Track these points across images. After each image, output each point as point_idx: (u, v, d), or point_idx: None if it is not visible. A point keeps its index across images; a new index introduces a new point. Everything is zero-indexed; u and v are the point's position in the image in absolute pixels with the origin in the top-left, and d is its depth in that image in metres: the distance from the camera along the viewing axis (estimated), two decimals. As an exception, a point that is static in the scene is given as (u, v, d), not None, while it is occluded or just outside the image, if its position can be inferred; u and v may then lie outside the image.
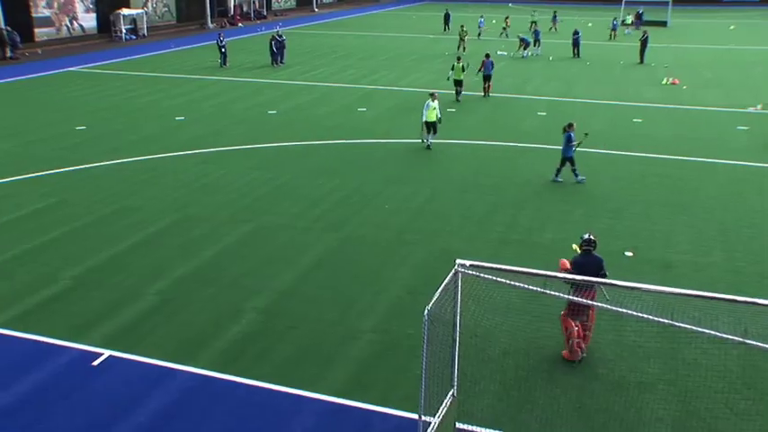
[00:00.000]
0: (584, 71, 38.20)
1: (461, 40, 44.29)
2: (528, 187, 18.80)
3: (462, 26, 45.47)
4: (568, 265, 10.72)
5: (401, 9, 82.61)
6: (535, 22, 49.66)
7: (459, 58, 30.19)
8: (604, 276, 10.24)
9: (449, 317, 8.37)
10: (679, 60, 42.16)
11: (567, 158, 18.92)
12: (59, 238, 15.38)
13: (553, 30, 56.42)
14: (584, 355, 10.68)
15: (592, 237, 10.74)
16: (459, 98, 29.52)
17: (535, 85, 33.79)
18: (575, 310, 10.25)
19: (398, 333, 11.49)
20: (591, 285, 8.87)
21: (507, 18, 56.52)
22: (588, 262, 10.53)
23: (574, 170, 18.91)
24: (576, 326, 10.46)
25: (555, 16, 58.19)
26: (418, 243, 15.10)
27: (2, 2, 42.47)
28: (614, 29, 53.08)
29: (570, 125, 19.12)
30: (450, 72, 29.62)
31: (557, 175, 19.12)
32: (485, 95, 30.56)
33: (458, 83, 29.42)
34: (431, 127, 22.11)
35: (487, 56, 30.73)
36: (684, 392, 9.79)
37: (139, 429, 9.17)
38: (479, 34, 52.85)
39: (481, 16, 57.66)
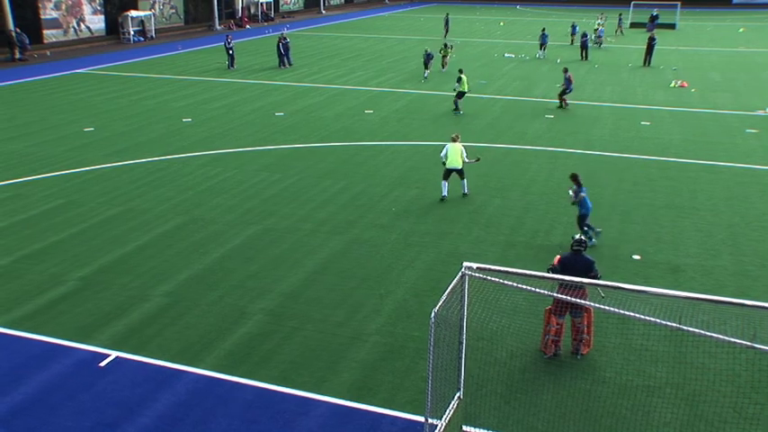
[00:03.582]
0: (591, 74, 38.14)
1: (443, 57, 39.18)
2: (534, 189, 18.77)
3: (446, 44, 40.03)
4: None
5: (408, 11, 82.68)
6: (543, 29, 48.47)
7: (461, 70, 28.59)
8: (595, 277, 10.30)
9: (455, 319, 8.38)
10: (687, 63, 42.04)
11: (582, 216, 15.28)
12: (67, 239, 15.45)
13: (619, 33, 56.25)
14: (560, 352, 10.79)
15: (582, 238, 10.79)
16: (460, 111, 28.15)
17: (543, 88, 33.75)
18: (559, 308, 10.32)
19: (404, 335, 11.50)
20: (579, 285, 8.85)
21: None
22: (576, 261, 10.56)
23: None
24: (558, 324, 10.55)
25: (620, 20, 57.48)
26: (425, 245, 15.10)
27: (11, 4, 42.68)
28: (573, 33, 50.08)
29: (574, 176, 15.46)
30: (457, 84, 28.23)
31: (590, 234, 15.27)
32: (564, 107, 29.13)
33: (460, 95, 28.08)
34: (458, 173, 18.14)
35: (566, 70, 29.24)
36: (692, 396, 9.76)
37: (146, 430, 9.20)
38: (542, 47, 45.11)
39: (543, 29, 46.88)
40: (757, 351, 6.91)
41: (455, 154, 17.70)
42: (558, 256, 10.96)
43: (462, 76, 28.07)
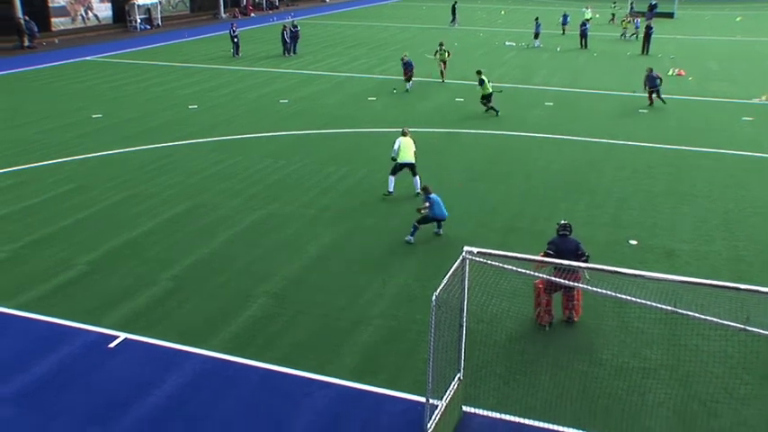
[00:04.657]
0: (590, 62, 37.98)
1: (441, 62, 32.37)
2: (536, 176, 18.77)
3: (441, 44, 32.84)
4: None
5: (411, 0, 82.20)
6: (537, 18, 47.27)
7: (479, 72, 25.88)
8: (584, 256, 10.91)
9: (456, 303, 8.42)
10: (685, 52, 41.83)
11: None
12: (76, 224, 15.49)
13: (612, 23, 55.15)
14: (554, 321, 11.22)
15: (567, 222, 11.51)
16: (497, 112, 25.37)
17: (543, 76, 33.64)
18: (551, 285, 10.63)
19: (407, 319, 11.55)
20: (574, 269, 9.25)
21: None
22: (566, 243, 11.14)
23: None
24: (548, 298, 11.02)
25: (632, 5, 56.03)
26: (426, 230, 15.10)
27: (19, -8, 42.59)
28: (564, 24, 48.36)
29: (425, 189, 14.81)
30: (479, 88, 25.71)
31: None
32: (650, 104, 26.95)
33: (486, 98, 25.54)
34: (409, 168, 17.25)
35: (650, 70, 26.95)
36: (686, 377, 9.82)
37: (154, 410, 9.28)
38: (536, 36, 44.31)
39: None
40: (750, 334, 6.95)
41: (407, 148, 16.94)
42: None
43: (483, 77, 25.48)
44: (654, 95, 26.96)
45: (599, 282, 8.41)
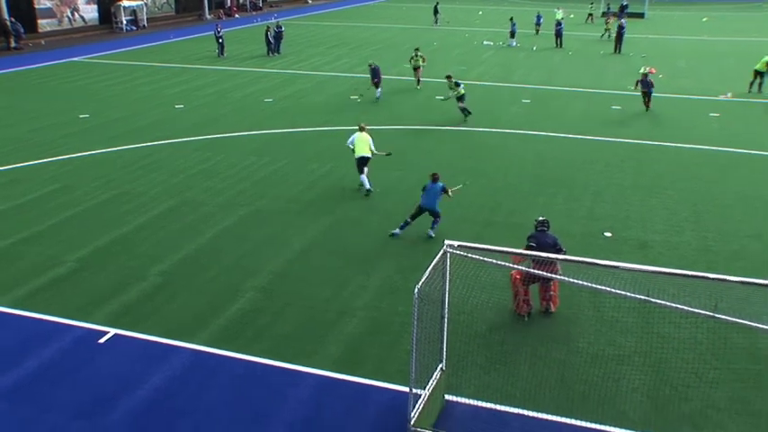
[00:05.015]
0: (565, 61, 38.14)
1: (415, 70, 30.20)
2: (513, 171, 18.83)
3: (417, 50, 30.68)
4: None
5: (391, 1, 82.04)
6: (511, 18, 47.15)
7: (449, 76, 24.74)
8: (561, 251, 11.08)
9: (437, 295, 8.43)
10: (655, 50, 42.14)
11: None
12: (65, 222, 15.32)
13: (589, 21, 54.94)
14: (533, 310, 11.28)
15: (545, 219, 11.66)
16: (470, 113, 24.24)
17: (520, 74, 33.74)
18: (528, 277, 10.74)
19: (390, 311, 11.55)
20: (552, 261, 9.38)
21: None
22: (545, 237, 11.29)
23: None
24: (524, 287, 11.12)
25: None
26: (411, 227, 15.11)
27: (5, -6, 41.98)
28: (538, 24, 48.23)
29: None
30: (450, 92, 24.44)
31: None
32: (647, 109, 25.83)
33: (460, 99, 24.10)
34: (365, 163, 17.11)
35: (645, 75, 25.68)
36: (658, 363, 9.92)
37: (144, 402, 9.22)
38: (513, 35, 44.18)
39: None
40: (718, 321, 7.03)
41: (362, 143, 16.73)
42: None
43: (452, 81, 24.17)
44: (647, 99, 25.84)
45: (576, 273, 8.46)
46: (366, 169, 17.09)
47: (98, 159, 19.92)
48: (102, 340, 10.67)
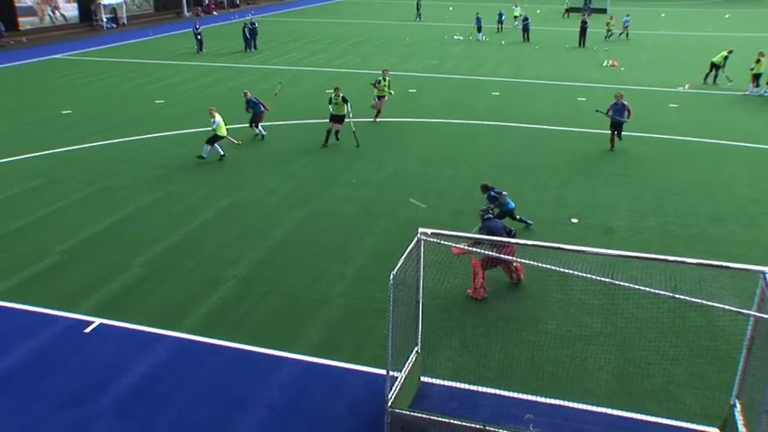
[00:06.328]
0: (533, 54, 38.26)
1: (378, 99, 23.12)
2: (483, 161, 18.87)
3: (384, 73, 23.19)
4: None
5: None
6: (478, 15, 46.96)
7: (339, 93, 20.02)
8: (512, 232, 11.76)
9: (412, 281, 8.42)
10: (617, 44, 42.43)
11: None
12: (50, 215, 15.07)
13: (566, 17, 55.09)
14: (487, 295, 11.38)
15: (486, 207, 12.47)
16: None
17: (489, 68, 33.78)
18: (490, 261, 10.98)
19: (366, 297, 11.54)
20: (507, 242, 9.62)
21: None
22: (496, 224, 11.85)
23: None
24: (483, 273, 11.38)
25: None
26: (383, 214, 15.11)
27: (-14, -7, 41.02)
28: (500, 21, 47.81)
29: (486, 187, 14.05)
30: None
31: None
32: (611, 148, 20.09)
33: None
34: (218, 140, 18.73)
35: (620, 96, 19.82)
36: (623, 342, 10.04)
37: (131, 390, 9.13)
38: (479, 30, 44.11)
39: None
40: (678, 301, 7.11)
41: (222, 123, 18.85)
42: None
43: (340, 98, 19.81)
44: (616, 133, 19.69)
45: (544, 258, 8.50)
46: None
47: (81, 154, 19.59)
48: (87, 330, 10.53)
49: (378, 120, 22.98)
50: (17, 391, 9.10)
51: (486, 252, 9.08)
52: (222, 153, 18.96)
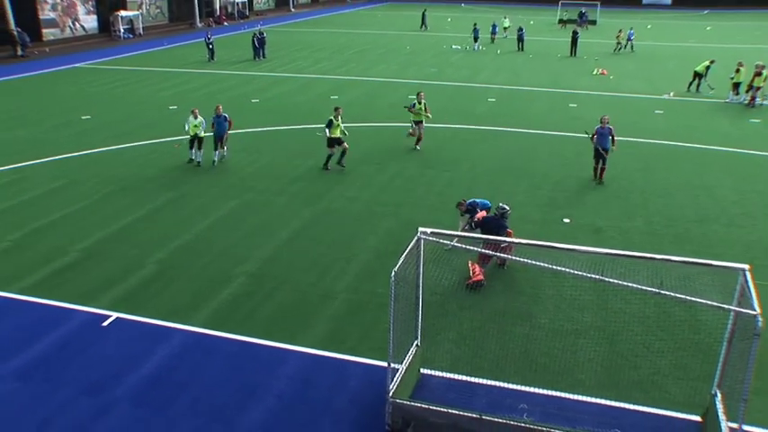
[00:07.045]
0: (527, 63, 38.22)
1: (416, 125, 20.14)
2: (480, 163, 18.86)
3: (420, 97, 20.06)
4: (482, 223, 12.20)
5: (368, 9, 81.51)
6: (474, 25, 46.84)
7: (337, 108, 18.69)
8: (506, 228, 11.94)
9: (412, 277, 8.43)
10: (607, 54, 42.37)
11: None
12: (70, 215, 15.09)
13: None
14: (485, 284, 11.49)
15: (506, 207, 12.34)
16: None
17: (486, 75, 33.75)
18: (485, 257, 11.10)
19: (369, 293, 11.53)
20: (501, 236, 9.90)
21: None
22: (499, 222, 12.02)
23: None
24: (481, 269, 11.53)
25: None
26: (385, 214, 15.11)
27: (12, 6, 40.97)
28: (493, 33, 48.05)
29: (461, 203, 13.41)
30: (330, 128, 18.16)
31: None
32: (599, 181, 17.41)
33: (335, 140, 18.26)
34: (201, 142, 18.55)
35: (605, 121, 17.12)
36: (611, 336, 10.03)
37: (146, 380, 9.14)
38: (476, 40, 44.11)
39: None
40: (663, 297, 7.12)
41: (195, 125, 18.61)
42: (483, 213, 12.45)
43: (335, 120, 18.19)
44: (601, 164, 17.08)
45: (537, 256, 8.50)
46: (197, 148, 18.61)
47: (100, 157, 19.61)
48: (105, 323, 10.54)
49: (418, 147, 20.01)
50: (40, 380, 9.11)
51: (487, 252, 9.08)
52: (195, 159, 18.63)
